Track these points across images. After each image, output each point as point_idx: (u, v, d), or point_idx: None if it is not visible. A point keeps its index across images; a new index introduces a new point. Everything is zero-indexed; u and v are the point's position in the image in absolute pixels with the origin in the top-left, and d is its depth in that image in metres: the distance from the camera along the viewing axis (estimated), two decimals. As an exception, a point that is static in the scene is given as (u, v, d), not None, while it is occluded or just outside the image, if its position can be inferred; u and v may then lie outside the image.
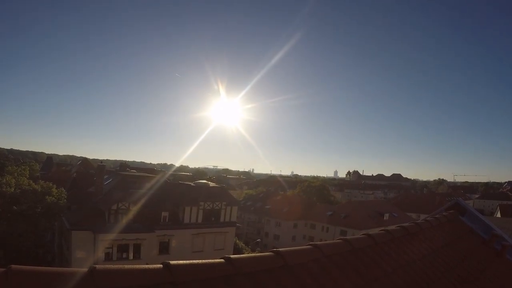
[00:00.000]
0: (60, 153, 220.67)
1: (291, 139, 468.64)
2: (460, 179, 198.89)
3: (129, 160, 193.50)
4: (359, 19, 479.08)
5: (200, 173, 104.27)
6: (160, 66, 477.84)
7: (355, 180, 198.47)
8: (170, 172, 51.03)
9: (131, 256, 26.62)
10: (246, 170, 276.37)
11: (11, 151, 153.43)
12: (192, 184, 35.11)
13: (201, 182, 36.13)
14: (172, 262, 1.55)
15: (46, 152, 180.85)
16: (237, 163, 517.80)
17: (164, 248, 29.19)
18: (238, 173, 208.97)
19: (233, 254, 1.93)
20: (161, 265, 1.52)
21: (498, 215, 52.33)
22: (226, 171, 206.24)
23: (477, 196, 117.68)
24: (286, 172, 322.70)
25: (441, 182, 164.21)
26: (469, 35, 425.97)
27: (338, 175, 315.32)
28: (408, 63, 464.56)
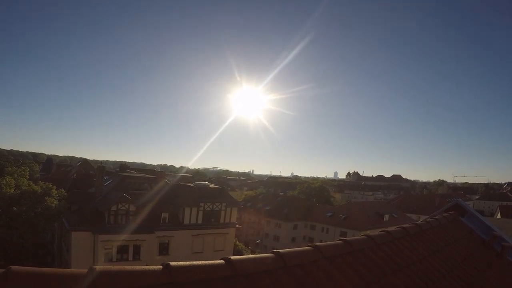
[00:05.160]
0: (60, 154, 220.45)
1: (291, 141, 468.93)
2: (460, 180, 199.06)
3: (129, 161, 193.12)
4: (361, 22, 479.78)
5: (200, 174, 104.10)
6: (160, 67, 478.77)
7: (355, 181, 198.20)
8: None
9: (131, 257, 26.59)
10: (246, 171, 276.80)
11: (11, 152, 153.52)
12: (192, 185, 35.05)
13: (201, 183, 36.04)
14: (172, 263, 1.55)
15: (46, 153, 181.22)
16: (237, 164, 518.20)
17: (164, 249, 29.15)
18: (238, 174, 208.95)
19: (233, 255, 1.93)
20: (161, 266, 1.52)
21: (498, 216, 52.36)
22: (226, 172, 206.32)
23: (477, 197, 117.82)
24: (286, 173, 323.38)
25: (441, 183, 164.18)
26: (469, 35, 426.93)
27: (338, 176, 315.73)
28: (407, 64, 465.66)
